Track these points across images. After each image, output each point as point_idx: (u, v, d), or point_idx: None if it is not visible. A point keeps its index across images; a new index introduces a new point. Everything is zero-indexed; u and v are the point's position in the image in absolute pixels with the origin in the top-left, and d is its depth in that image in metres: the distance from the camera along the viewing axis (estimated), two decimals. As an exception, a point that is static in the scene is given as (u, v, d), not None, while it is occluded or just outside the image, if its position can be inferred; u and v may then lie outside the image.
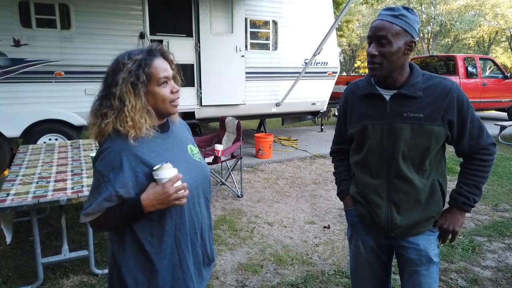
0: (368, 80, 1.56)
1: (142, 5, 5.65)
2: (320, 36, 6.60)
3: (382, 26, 1.39)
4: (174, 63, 1.29)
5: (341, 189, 1.75)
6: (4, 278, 2.81)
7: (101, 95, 1.23)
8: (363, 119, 1.54)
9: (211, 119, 6.93)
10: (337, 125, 1.77)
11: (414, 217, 1.51)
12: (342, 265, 3.05)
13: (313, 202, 4.52)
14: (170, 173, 1.17)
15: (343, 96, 1.68)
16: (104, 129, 1.19)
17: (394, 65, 1.42)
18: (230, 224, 3.83)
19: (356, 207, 1.67)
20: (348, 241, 1.79)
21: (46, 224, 3.72)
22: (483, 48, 27.00)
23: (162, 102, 1.24)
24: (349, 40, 27.63)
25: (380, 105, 1.49)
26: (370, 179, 1.56)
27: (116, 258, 1.28)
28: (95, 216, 1.20)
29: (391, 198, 1.52)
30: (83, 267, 2.95)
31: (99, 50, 5.39)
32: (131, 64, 1.19)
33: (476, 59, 9.92)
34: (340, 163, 1.79)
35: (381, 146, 1.50)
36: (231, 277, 2.89)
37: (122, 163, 1.16)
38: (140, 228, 1.22)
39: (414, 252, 1.55)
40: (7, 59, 4.91)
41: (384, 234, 1.58)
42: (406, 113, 1.44)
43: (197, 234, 1.32)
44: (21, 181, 2.76)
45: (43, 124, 5.26)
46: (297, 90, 7.03)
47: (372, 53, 1.41)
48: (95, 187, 1.19)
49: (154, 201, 1.16)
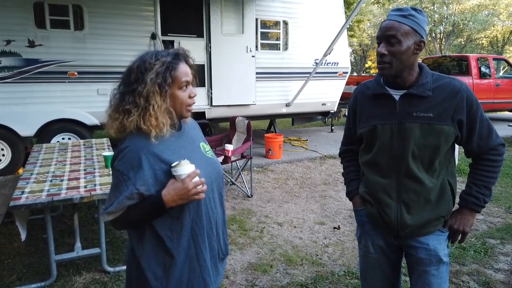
0: (377, 81, 1.57)
1: (154, 6, 5.71)
2: (331, 36, 6.58)
3: (391, 26, 1.40)
4: (193, 68, 1.33)
5: (350, 189, 1.76)
6: (19, 275, 2.87)
7: (123, 90, 1.24)
8: (372, 119, 1.55)
9: (221, 119, 6.96)
10: (346, 125, 1.78)
11: (424, 217, 1.51)
12: (352, 266, 3.04)
13: (323, 202, 4.51)
14: (188, 169, 1.21)
15: (352, 96, 1.69)
16: (126, 126, 1.22)
17: (403, 65, 1.43)
18: (240, 223, 3.85)
19: (365, 206, 1.67)
20: (357, 241, 1.79)
21: (59, 222, 3.78)
22: (496, 48, 26.58)
23: (179, 105, 1.29)
24: (360, 40, 27.47)
25: (389, 105, 1.50)
26: (380, 178, 1.56)
27: (135, 254, 1.30)
28: (117, 215, 1.23)
29: (401, 197, 1.52)
30: (95, 264, 2.99)
31: (112, 51, 5.46)
32: (159, 66, 1.22)
33: (489, 59, 9.78)
34: (349, 163, 1.80)
35: (390, 146, 1.51)
36: (240, 276, 2.90)
37: (141, 161, 1.20)
38: (159, 224, 1.25)
39: (424, 252, 1.55)
40: (22, 59, 5.00)
41: (394, 233, 1.58)
42: (416, 112, 1.45)
43: (212, 229, 1.36)
44: (35, 179, 2.82)
45: (56, 124, 5.35)
46: (308, 91, 7.02)
47: (382, 52, 1.42)
48: (115, 186, 1.22)
49: (175, 196, 1.20)
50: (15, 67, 4.97)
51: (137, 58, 1.27)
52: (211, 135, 6.28)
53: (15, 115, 5.07)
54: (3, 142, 5.13)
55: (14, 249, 3.27)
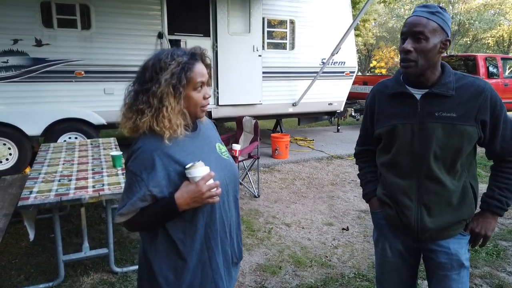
0: (396, 79, 1.52)
1: (161, 5, 5.69)
2: (338, 35, 6.53)
3: (419, 22, 1.35)
4: (209, 67, 1.30)
5: (367, 191, 1.71)
6: (26, 275, 2.85)
7: (137, 89, 1.21)
8: (392, 118, 1.50)
9: (227, 118, 6.93)
10: (363, 125, 1.72)
11: (445, 220, 1.47)
12: (362, 268, 3.00)
13: (331, 203, 4.47)
14: (203, 171, 1.18)
15: (370, 95, 1.65)
16: (139, 126, 1.19)
17: (428, 63, 1.39)
18: (248, 224, 3.82)
19: (383, 209, 1.62)
20: (374, 244, 1.75)
21: (66, 222, 3.77)
22: (503, 47, 26.38)
23: (194, 106, 1.25)
24: (365, 39, 27.35)
25: (410, 104, 1.46)
26: (399, 180, 1.52)
27: (147, 256, 1.28)
28: (130, 216, 1.20)
29: (421, 199, 1.48)
30: (103, 265, 2.98)
31: (118, 50, 5.45)
32: (174, 66, 1.18)
33: (497, 58, 9.68)
34: (365, 164, 1.76)
35: (411, 146, 1.46)
36: (249, 278, 2.87)
37: (154, 162, 1.17)
38: (172, 227, 1.22)
39: (445, 256, 1.50)
40: (29, 58, 4.99)
41: (413, 236, 1.53)
42: (438, 112, 1.41)
43: (226, 233, 1.32)
44: (43, 179, 2.80)
45: (63, 123, 5.34)
46: (314, 90, 6.98)
47: (407, 49, 1.37)
48: (128, 187, 1.19)
49: (188, 199, 1.17)
50: (22, 66, 4.97)
51: (152, 55, 1.23)
52: (217, 134, 6.24)
53: (22, 114, 5.06)
54: (10, 141, 5.13)
55: (22, 248, 3.26)
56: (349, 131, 9.47)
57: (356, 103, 9.50)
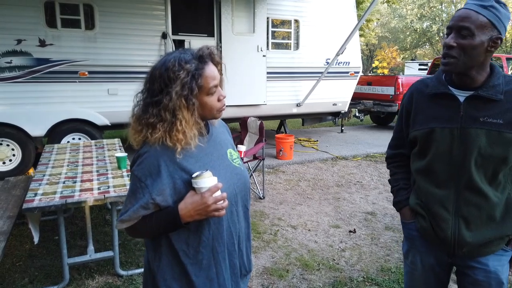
0: (438, 78, 1.41)
1: (165, 5, 5.66)
2: (342, 35, 6.49)
3: (466, 16, 1.24)
4: (220, 64, 1.22)
5: (399, 199, 1.58)
6: (31, 278, 2.82)
7: (146, 101, 1.14)
8: (430, 121, 1.39)
9: (231, 119, 6.89)
10: (397, 126, 1.60)
11: (486, 235, 1.35)
12: (370, 272, 2.95)
13: (337, 205, 4.42)
14: (210, 182, 1.11)
15: (407, 94, 1.52)
16: (150, 141, 1.13)
17: (472, 62, 1.27)
18: (253, 226, 3.77)
19: (416, 220, 1.51)
20: (404, 256, 1.63)
21: (71, 223, 3.74)
22: (505, 47, 26.26)
23: (209, 111, 1.19)
24: (367, 39, 27.30)
25: (452, 106, 1.34)
26: (435, 189, 1.40)
27: (151, 266, 1.23)
28: (131, 223, 1.15)
29: (460, 211, 1.36)
30: (108, 268, 2.94)
31: (122, 50, 5.42)
32: (184, 75, 1.10)
33: (503, 59, 9.62)
34: (398, 170, 1.63)
35: (449, 153, 1.35)
36: (256, 281, 2.83)
37: (160, 168, 1.11)
38: (176, 237, 1.17)
39: (483, 273, 1.39)
40: (33, 59, 4.96)
41: (449, 251, 1.42)
42: (483, 117, 1.29)
43: (234, 245, 1.27)
44: (48, 181, 2.77)
45: (67, 124, 5.31)
46: (319, 90, 6.93)
47: (450, 44, 1.26)
48: (132, 192, 1.14)
49: (192, 211, 1.11)
50: (25, 66, 4.94)
51: (159, 62, 1.14)
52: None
53: (26, 115, 5.04)
54: (13, 142, 5.10)
55: (26, 251, 3.22)
56: (353, 131, 9.43)
57: (360, 103, 9.45)
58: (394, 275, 2.89)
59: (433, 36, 27.89)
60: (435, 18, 26.30)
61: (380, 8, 27.35)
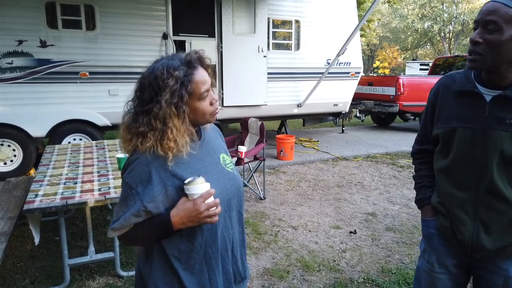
0: (466, 74, 1.34)
1: (166, 5, 5.66)
2: (343, 35, 6.49)
3: (493, 9, 1.16)
4: (210, 67, 1.19)
5: (421, 196, 1.55)
6: (31, 278, 2.82)
7: (137, 111, 1.12)
8: (453, 119, 1.34)
9: (232, 119, 6.91)
10: (423, 122, 1.54)
11: (506, 241, 1.31)
12: (371, 273, 2.95)
13: (338, 205, 4.42)
14: (202, 188, 1.10)
15: (434, 89, 1.46)
16: (140, 150, 1.11)
17: (501, 58, 1.19)
18: (254, 227, 3.78)
19: (437, 218, 1.48)
20: (420, 255, 1.59)
21: (71, 224, 3.74)
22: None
23: (202, 116, 1.17)
24: (368, 40, 27.30)
25: (477, 105, 1.29)
26: (455, 190, 1.37)
27: (142, 272, 1.21)
28: (123, 231, 1.13)
29: (479, 215, 1.32)
30: (109, 268, 2.94)
31: (123, 51, 5.43)
32: (173, 83, 1.08)
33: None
34: (422, 166, 1.58)
35: (471, 154, 1.31)
36: (257, 282, 2.83)
37: (151, 175, 1.10)
38: (168, 243, 1.15)
39: (501, 278, 1.35)
40: (33, 59, 4.97)
41: (467, 253, 1.40)
42: (510, 119, 1.23)
43: (228, 251, 1.25)
44: (48, 181, 2.77)
45: (68, 124, 5.32)
46: (319, 91, 6.93)
47: (476, 40, 1.19)
48: (123, 200, 1.13)
49: (184, 218, 1.10)
50: (26, 67, 4.95)
51: (147, 71, 1.13)
52: (222, 136, 6.21)
53: (27, 116, 5.05)
54: (14, 143, 5.11)
55: (27, 251, 3.23)
56: (354, 132, 9.42)
57: (361, 104, 9.45)
58: (395, 276, 2.89)
59: (434, 36, 27.87)
60: (436, 18, 26.28)
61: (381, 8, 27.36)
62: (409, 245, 3.41)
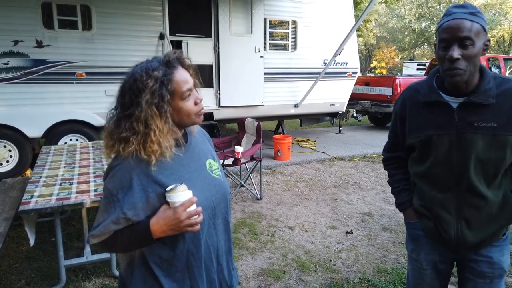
0: (429, 85, 1.42)
1: (162, 6, 5.66)
2: (340, 36, 6.50)
3: (463, 26, 1.23)
4: (192, 68, 1.17)
5: (401, 200, 1.61)
6: (27, 280, 2.82)
7: (119, 116, 1.10)
8: (426, 128, 1.41)
9: (229, 120, 6.91)
10: (392, 132, 1.62)
11: (486, 232, 1.41)
12: (367, 273, 2.96)
13: (334, 206, 4.43)
14: (184, 196, 1.07)
15: (400, 101, 1.54)
16: (122, 155, 1.09)
17: (475, 68, 1.30)
18: (250, 227, 3.78)
19: (420, 220, 1.54)
20: (408, 255, 1.68)
21: (68, 225, 3.74)
22: (503, 47, 26.32)
23: (187, 116, 1.14)
24: (365, 40, 27.33)
25: (446, 113, 1.36)
26: (437, 193, 1.44)
27: (124, 280, 1.19)
28: (103, 238, 1.11)
29: (461, 213, 1.41)
30: (105, 269, 2.94)
31: (120, 51, 5.42)
32: (152, 83, 1.06)
33: (500, 59, 9.65)
34: (396, 171, 1.65)
35: (449, 159, 1.38)
36: (253, 282, 2.84)
37: (132, 182, 1.07)
38: (149, 250, 1.13)
39: (487, 265, 1.45)
40: (30, 60, 4.96)
41: (453, 249, 1.48)
42: (477, 122, 1.32)
43: (212, 259, 1.22)
44: (44, 182, 2.76)
45: (64, 125, 5.31)
46: (316, 91, 6.94)
47: (455, 57, 1.24)
48: (103, 206, 1.11)
49: (164, 226, 1.07)
50: (23, 67, 4.94)
51: (127, 75, 1.11)
52: (219, 136, 6.22)
53: (23, 116, 5.03)
54: (10, 143, 5.09)
55: (22, 252, 3.22)
56: (351, 132, 9.44)
57: (358, 104, 9.47)
58: (391, 276, 2.90)
59: (431, 36, 27.91)
60: (433, 18, 26.35)
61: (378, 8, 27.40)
62: (405, 245, 3.42)
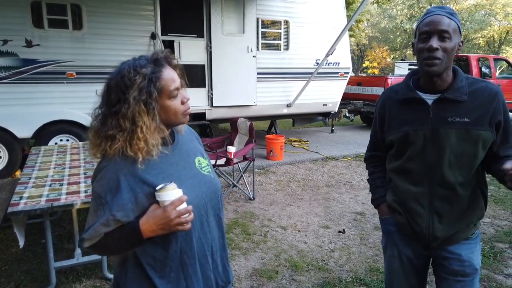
0: (406, 84, 1.49)
1: (154, 5, 5.62)
2: (332, 36, 6.52)
3: (443, 21, 1.33)
4: (178, 67, 1.17)
5: (376, 196, 1.68)
6: (16, 282, 2.78)
7: (105, 114, 1.08)
8: (403, 125, 1.47)
9: (222, 120, 6.89)
10: (373, 131, 1.70)
11: (456, 226, 1.45)
12: (359, 272, 2.97)
13: (327, 205, 4.44)
14: (174, 195, 1.06)
15: (380, 102, 1.61)
16: (109, 153, 1.08)
17: (450, 63, 1.37)
18: (243, 227, 3.77)
19: (393, 216, 1.59)
20: (383, 250, 1.72)
21: (58, 226, 3.69)
22: (493, 48, 26.61)
23: (174, 115, 1.14)
24: (357, 40, 27.44)
25: (422, 110, 1.43)
26: (411, 186, 1.49)
27: (118, 283, 1.18)
28: (93, 241, 1.10)
29: (433, 206, 1.45)
30: (96, 271, 2.91)
31: (111, 51, 5.37)
32: (140, 80, 1.06)
33: (490, 59, 9.75)
34: (374, 169, 1.73)
35: (424, 153, 1.44)
36: (245, 283, 2.83)
37: (119, 183, 1.06)
38: (141, 251, 1.12)
39: (457, 263, 1.48)
40: (19, 59, 4.90)
41: (424, 243, 1.51)
42: (451, 118, 1.38)
43: (207, 256, 1.21)
44: (34, 183, 2.73)
45: (54, 125, 5.24)
46: (309, 91, 6.95)
47: (435, 47, 1.32)
48: (93, 209, 1.10)
49: (154, 226, 1.06)
50: (12, 67, 4.87)
51: (114, 72, 1.10)
52: (211, 136, 6.20)
53: (12, 116, 4.96)
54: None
55: (12, 255, 3.18)
56: (344, 132, 9.48)
57: (350, 103, 9.51)
58: (383, 275, 2.91)
59: (423, 36, 28.11)
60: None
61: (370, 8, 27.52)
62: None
